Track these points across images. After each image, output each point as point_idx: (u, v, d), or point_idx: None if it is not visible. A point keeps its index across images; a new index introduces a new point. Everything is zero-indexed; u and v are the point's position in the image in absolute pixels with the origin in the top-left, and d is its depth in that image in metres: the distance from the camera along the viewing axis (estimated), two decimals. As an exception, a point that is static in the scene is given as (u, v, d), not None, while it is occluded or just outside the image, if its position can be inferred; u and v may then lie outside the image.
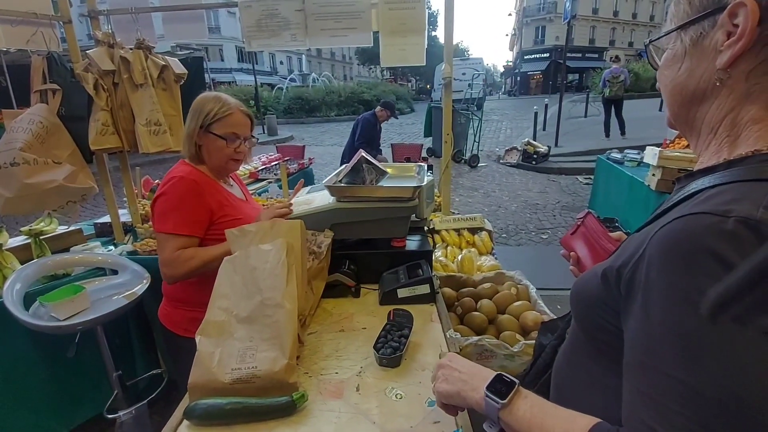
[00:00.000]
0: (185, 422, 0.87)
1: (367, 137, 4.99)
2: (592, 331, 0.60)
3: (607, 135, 9.66)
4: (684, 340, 0.44)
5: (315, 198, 1.53)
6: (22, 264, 1.90)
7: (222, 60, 32.93)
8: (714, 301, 0.46)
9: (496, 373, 0.64)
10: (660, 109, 13.63)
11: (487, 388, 0.62)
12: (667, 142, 4.90)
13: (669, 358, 0.45)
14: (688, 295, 0.44)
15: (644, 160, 3.88)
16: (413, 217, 1.53)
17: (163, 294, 1.47)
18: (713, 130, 0.56)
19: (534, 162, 8.24)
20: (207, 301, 1.14)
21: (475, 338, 1.25)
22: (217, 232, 1.33)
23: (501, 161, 8.98)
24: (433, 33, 29.67)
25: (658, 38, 0.60)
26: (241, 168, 4.40)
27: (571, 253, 0.94)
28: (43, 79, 2.16)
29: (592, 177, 5.60)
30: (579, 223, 0.96)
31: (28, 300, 1.72)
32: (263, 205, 1.62)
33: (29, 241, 2.09)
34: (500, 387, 0.61)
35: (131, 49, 2.13)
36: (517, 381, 0.62)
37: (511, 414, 0.59)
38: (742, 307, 0.44)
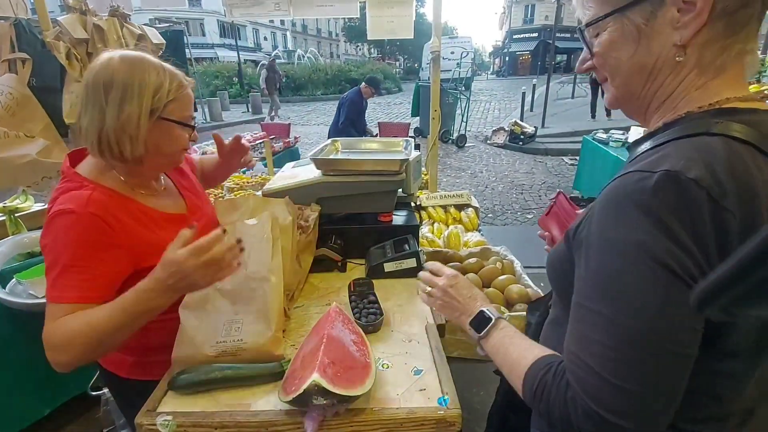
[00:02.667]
0: (170, 393, 0.86)
1: (352, 117, 4.94)
2: (567, 294, 0.63)
3: (593, 116, 9.73)
4: (608, 280, 0.52)
5: (300, 172, 1.51)
6: (-4, 242, 1.84)
7: (203, 35, 31.76)
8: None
9: (479, 309, 0.78)
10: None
11: (470, 322, 0.78)
12: (652, 122, 4.97)
13: (594, 296, 0.53)
14: (615, 244, 0.51)
15: (629, 141, 3.92)
16: (400, 192, 1.52)
17: None
18: (662, 103, 0.59)
19: (521, 143, 8.27)
20: (161, 346, 0.95)
21: (461, 311, 1.26)
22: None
23: (488, 142, 8.98)
24: (421, 10, 29.09)
25: (596, 21, 0.59)
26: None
27: (547, 234, 0.99)
28: (11, 47, 2.05)
29: (577, 158, 5.65)
30: (552, 204, 1.00)
31: (4, 278, 1.67)
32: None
33: (4, 218, 2.02)
34: (481, 320, 0.76)
35: (105, 16, 2.03)
36: (495, 317, 0.74)
37: (487, 342, 0.73)
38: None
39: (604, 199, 0.53)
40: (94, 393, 1.76)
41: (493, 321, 0.73)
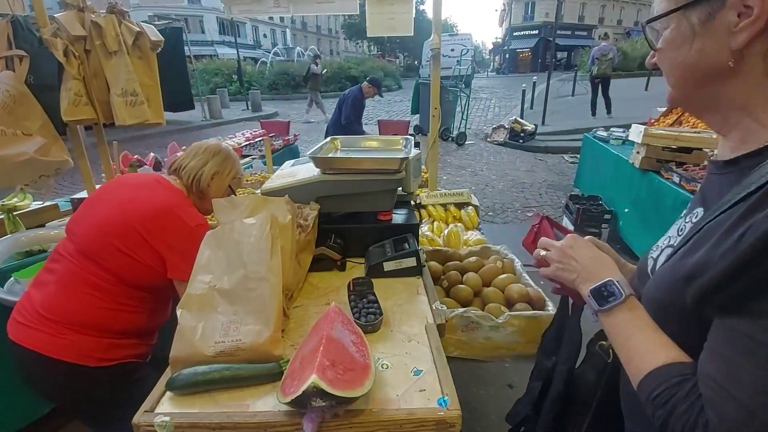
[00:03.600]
0: (168, 393, 0.86)
1: (356, 115, 4.89)
2: (683, 335, 0.57)
3: (594, 114, 9.70)
4: None
5: (299, 170, 1.50)
6: (-6, 240, 1.83)
7: (203, 32, 31.65)
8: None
9: (608, 278, 0.66)
10: (646, 89, 13.70)
11: (592, 290, 0.67)
12: (652, 121, 4.94)
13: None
14: None
15: (629, 138, 3.91)
16: (400, 190, 1.51)
17: (55, 320, 1.12)
18: (743, 109, 0.56)
19: (521, 140, 8.25)
20: (136, 331, 1.24)
21: (461, 310, 1.26)
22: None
23: (488, 140, 8.96)
24: (421, 7, 28.99)
25: (656, 19, 0.60)
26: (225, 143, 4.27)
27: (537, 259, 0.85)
28: (8, 44, 2.03)
29: (577, 156, 5.64)
30: (535, 230, 0.95)
31: (2, 277, 1.66)
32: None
33: (2, 217, 2.02)
34: (606, 293, 0.65)
35: (103, 13, 2.02)
36: (625, 293, 0.64)
37: (608, 319, 0.64)
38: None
39: None
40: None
41: (622, 298, 0.63)
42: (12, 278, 1.63)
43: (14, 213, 2.04)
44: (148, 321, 1.26)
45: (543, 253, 0.79)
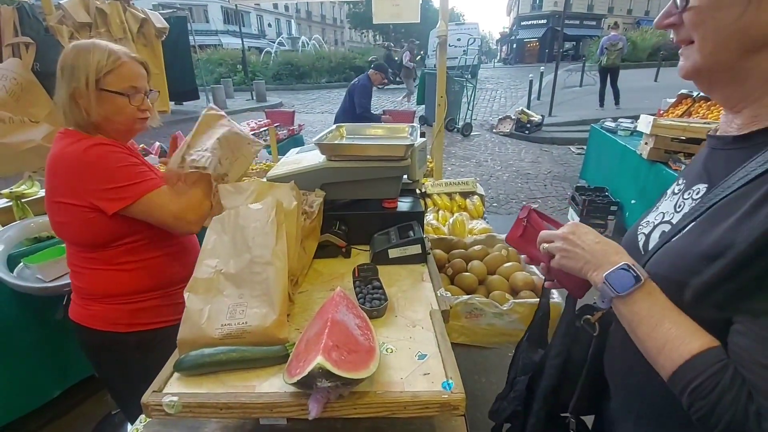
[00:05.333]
0: (176, 374, 0.87)
1: (366, 104, 4.83)
2: (702, 315, 0.55)
3: (602, 105, 9.59)
4: None
5: (304, 158, 1.50)
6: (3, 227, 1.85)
7: (207, 21, 31.55)
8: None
9: (623, 262, 0.60)
10: (656, 80, 13.49)
11: (607, 276, 0.61)
12: (661, 112, 4.88)
13: None
14: None
15: (638, 129, 3.86)
16: (405, 178, 1.50)
17: (82, 295, 1.22)
18: None
19: (527, 131, 8.18)
20: (153, 287, 1.23)
21: (465, 297, 1.26)
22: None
23: (494, 130, 8.90)
24: (428, -4, 28.58)
25: None
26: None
27: (542, 265, 0.82)
28: (14, 32, 2.04)
29: (584, 147, 5.59)
30: (524, 224, 0.90)
31: (11, 263, 1.69)
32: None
33: (11, 203, 2.04)
34: (624, 276, 0.60)
35: (108, 0, 2.01)
36: (644, 277, 0.59)
37: (626, 305, 0.59)
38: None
39: None
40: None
41: (641, 282, 0.58)
42: (21, 263, 1.66)
43: (23, 200, 2.06)
44: (158, 272, 1.23)
45: (546, 245, 0.74)
